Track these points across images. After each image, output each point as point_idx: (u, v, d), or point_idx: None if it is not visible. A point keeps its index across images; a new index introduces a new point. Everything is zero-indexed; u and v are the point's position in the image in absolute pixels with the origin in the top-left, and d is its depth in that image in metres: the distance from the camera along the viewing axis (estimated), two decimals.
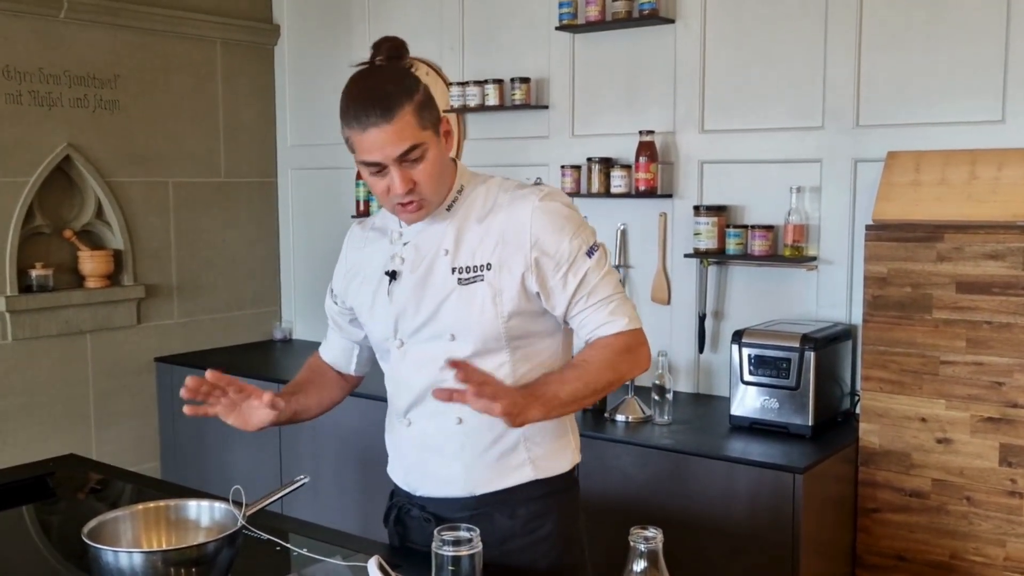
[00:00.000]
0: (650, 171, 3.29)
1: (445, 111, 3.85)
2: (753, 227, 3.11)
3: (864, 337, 2.77)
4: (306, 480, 1.98)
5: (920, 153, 2.79)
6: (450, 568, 1.36)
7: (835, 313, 3.08)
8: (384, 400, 3.35)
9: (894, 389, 2.73)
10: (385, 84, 1.61)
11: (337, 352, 2.03)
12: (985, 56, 2.77)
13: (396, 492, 1.91)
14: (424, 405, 1.78)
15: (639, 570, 1.28)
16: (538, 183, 1.84)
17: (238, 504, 1.79)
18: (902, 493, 2.74)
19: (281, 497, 1.93)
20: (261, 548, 1.80)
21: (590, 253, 1.71)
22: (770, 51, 3.15)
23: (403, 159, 1.61)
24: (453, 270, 1.70)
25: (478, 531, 1.41)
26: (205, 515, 1.83)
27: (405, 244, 1.77)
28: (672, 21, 3.30)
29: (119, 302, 3.92)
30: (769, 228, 3.10)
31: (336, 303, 1.98)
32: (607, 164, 3.41)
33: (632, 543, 1.30)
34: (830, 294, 3.08)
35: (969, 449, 2.63)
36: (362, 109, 1.59)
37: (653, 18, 3.27)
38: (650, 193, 3.31)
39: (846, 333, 2.97)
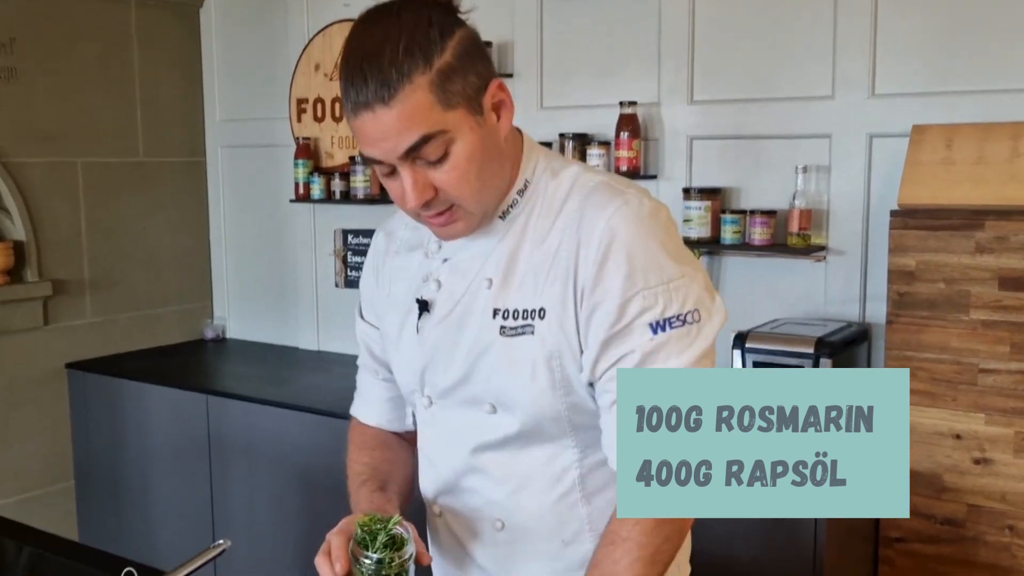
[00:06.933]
0: (632, 148, 2.89)
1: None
2: (752, 212, 2.73)
3: (887, 340, 2.41)
4: (227, 545, 1.61)
5: (952, 127, 2.43)
6: None
7: (846, 310, 2.70)
8: (324, 413, 2.98)
9: (923, 401, 2.37)
10: (390, 40, 1.09)
11: (383, 405, 1.47)
12: None
13: None
14: (455, 494, 1.33)
15: None
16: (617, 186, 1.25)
17: None
18: (932, 521, 2.40)
19: (194, 571, 1.54)
20: None
21: (660, 326, 1.15)
22: (770, 8, 2.75)
23: (414, 156, 1.12)
24: (496, 312, 1.21)
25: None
26: None
27: (445, 261, 1.29)
28: None
29: (21, 301, 3.44)
30: (771, 214, 2.71)
31: (372, 324, 1.44)
32: (583, 141, 3.00)
33: None
34: (841, 289, 2.71)
35: (1012, 471, 2.29)
36: (352, 83, 1.10)
37: None
38: (632, 174, 2.90)
39: (862, 334, 2.61)
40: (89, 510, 3.63)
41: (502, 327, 1.21)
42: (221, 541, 1.61)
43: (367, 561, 1.15)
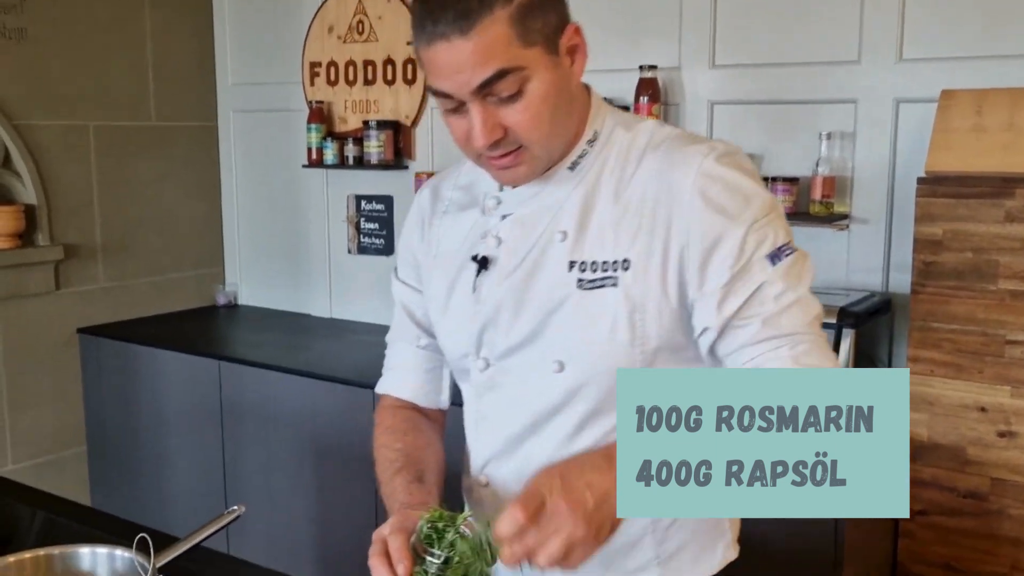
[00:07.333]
0: (652, 114, 2.83)
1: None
2: (774, 179, 2.67)
3: (912, 311, 2.36)
4: (240, 511, 1.60)
5: (982, 92, 2.36)
6: None
7: (868, 280, 2.65)
8: (337, 380, 2.94)
9: (948, 373, 2.32)
10: None
11: (421, 376, 1.41)
12: None
13: None
14: (508, 460, 1.26)
15: None
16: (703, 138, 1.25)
17: (145, 552, 1.38)
18: (955, 494, 2.35)
19: (208, 537, 1.52)
20: None
21: (775, 257, 1.12)
22: None
23: (487, 91, 1.08)
24: (572, 265, 1.16)
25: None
26: (103, 567, 1.43)
27: (504, 218, 1.23)
28: None
29: (33, 265, 3.40)
30: (793, 181, 2.66)
31: (413, 287, 1.39)
32: None
33: None
34: (864, 258, 2.66)
35: None
36: (429, 11, 1.07)
37: None
38: None
39: (885, 305, 2.56)
40: (101, 475, 3.63)
41: (580, 280, 1.16)
42: (235, 507, 1.59)
43: (433, 559, 1.09)
